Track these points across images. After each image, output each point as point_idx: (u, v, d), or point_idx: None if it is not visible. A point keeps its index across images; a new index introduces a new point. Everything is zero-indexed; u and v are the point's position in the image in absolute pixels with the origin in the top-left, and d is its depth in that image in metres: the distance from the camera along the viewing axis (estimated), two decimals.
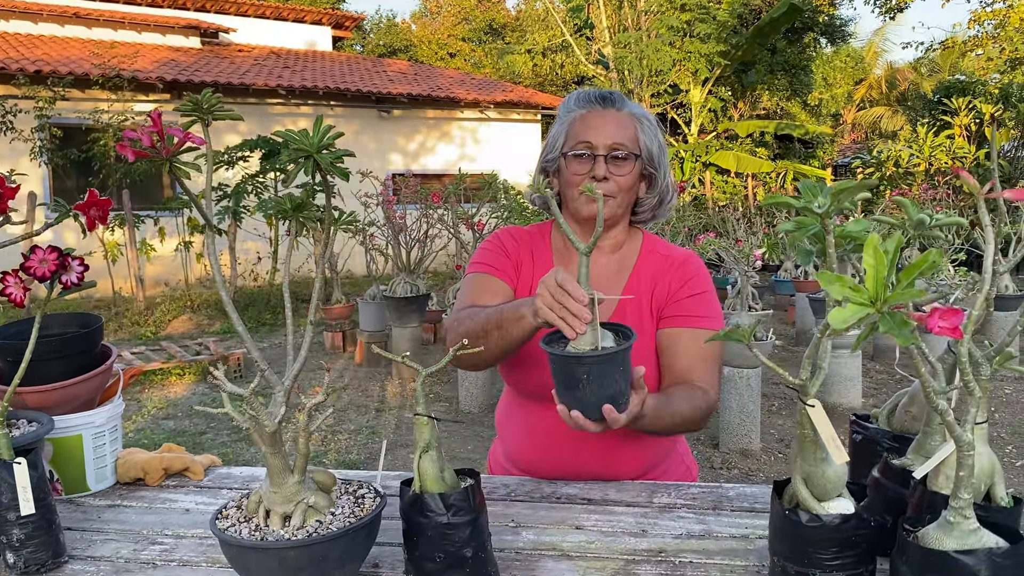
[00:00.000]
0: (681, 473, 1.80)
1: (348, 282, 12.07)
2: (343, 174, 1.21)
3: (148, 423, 5.82)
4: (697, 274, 1.72)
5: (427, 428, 1.35)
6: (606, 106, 1.71)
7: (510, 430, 1.83)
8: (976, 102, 15.62)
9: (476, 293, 1.72)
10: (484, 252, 1.81)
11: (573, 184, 1.69)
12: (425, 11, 29.65)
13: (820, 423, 1.17)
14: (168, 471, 1.83)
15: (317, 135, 1.20)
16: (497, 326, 1.52)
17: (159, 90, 12.08)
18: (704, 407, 1.57)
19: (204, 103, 1.35)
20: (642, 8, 13.76)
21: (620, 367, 1.30)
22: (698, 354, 1.62)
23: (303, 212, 1.45)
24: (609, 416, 1.31)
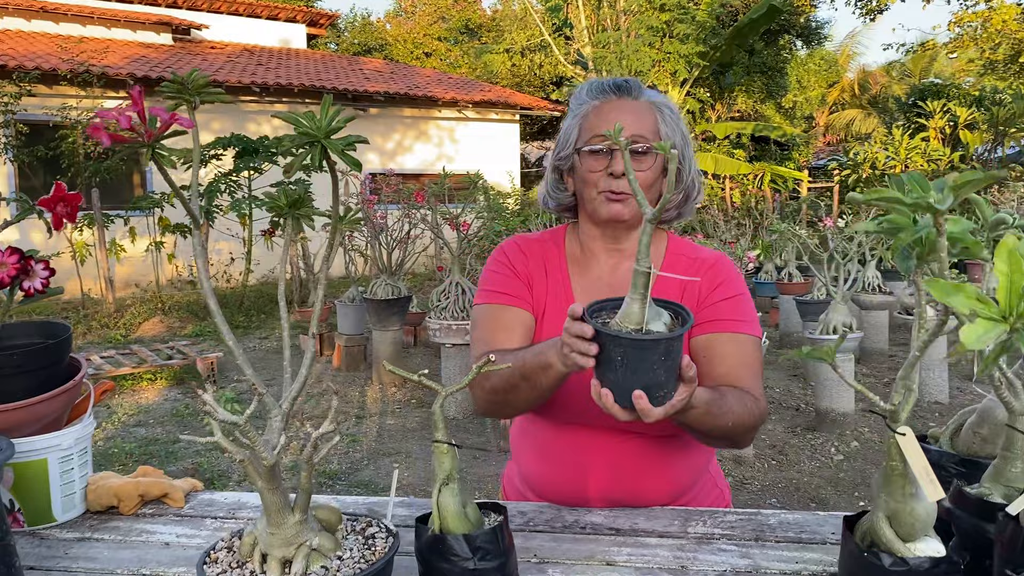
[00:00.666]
0: (714, 497, 1.64)
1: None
2: (355, 163, 1.03)
3: (119, 431, 5.58)
4: (729, 276, 1.57)
5: (448, 457, 1.18)
6: (621, 95, 1.55)
7: (526, 451, 1.66)
8: (951, 105, 15.73)
9: (492, 332, 1.57)
10: (491, 276, 1.65)
11: (590, 183, 1.53)
12: (400, 10, 29.40)
13: (912, 454, 1.01)
14: (144, 498, 1.65)
15: (325, 117, 1.02)
16: (523, 377, 1.39)
17: (129, 87, 11.72)
18: (757, 415, 1.41)
19: (190, 83, 1.17)
20: (621, 8, 13.65)
21: (663, 356, 1.13)
22: (739, 359, 1.47)
23: (301, 208, 1.28)
24: (639, 404, 1.15)
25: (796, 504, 4.28)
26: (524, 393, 1.41)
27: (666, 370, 1.14)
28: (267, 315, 10.16)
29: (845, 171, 15.50)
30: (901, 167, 14.69)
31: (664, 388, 1.16)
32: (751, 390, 1.43)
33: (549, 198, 1.68)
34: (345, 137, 1.05)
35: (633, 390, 1.14)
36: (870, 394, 1.03)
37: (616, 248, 1.60)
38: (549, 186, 1.66)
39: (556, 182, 1.65)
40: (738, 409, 1.36)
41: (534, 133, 23.32)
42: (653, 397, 1.15)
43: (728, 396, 1.36)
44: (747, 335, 1.50)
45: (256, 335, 9.08)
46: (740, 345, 1.48)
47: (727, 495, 1.68)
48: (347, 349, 7.29)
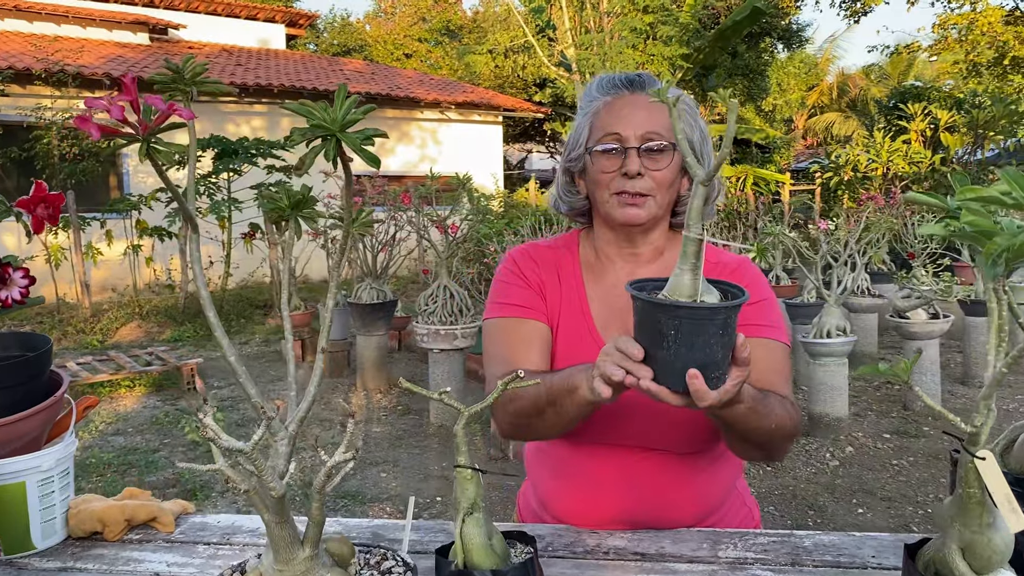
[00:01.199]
0: (743, 517, 1.54)
1: (304, 288, 11.67)
2: (373, 159, 0.93)
3: (96, 440, 5.41)
4: (754, 279, 1.47)
5: (472, 484, 1.07)
6: (635, 90, 1.45)
7: (541, 470, 1.56)
8: (931, 108, 15.80)
9: (509, 347, 1.46)
10: (502, 287, 1.54)
11: (602, 184, 1.43)
12: (380, 11, 29.20)
13: (993, 480, 0.92)
14: (131, 522, 1.53)
15: (341, 108, 0.91)
16: (550, 403, 1.29)
17: (105, 87, 11.55)
18: (796, 421, 1.32)
19: (187, 71, 1.06)
20: (605, 9, 13.59)
21: (721, 329, 1.02)
22: (770, 366, 1.37)
23: (304, 210, 1.17)
24: (694, 385, 1.02)
25: (793, 511, 4.20)
26: (550, 419, 1.31)
27: (723, 347, 1.03)
28: (247, 320, 9.99)
29: (827, 174, 15.51)
30: (883, 169, 14.72)
31: (720, 368, 1.05)
32: (787, 397, 1.34)
33: (561, 202, 1.58)
34: (362, 131, 0.95)
35: (688, 368, 1.02)
36: (950, 415, 0.93)
37: (633, 252, 1.50)
38: (560, 189, 1.56)
39: (567, 184, 1.55)
40: (780, 411, 1.27)
41: (517, 135, 23.22)
42: (709, 378, 1.03)
43: (771, 397, 1.27)
44: (776, 341, 1.41)
45: (236, 340, 8.91)
46: (770, 351, 1.39)
47: (756, 514, 1.59)
48: (330, 354, 7.14)
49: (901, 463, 4.86)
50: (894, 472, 4.73)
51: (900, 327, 5.68)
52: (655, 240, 1.50)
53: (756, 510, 1.60)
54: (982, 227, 0.85)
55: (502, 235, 7.21)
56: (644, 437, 1.43)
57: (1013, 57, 14.45)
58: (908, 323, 5.61)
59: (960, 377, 6.65)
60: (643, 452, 1.44)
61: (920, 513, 4.14)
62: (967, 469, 0.93)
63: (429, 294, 5.66)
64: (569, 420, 1.29)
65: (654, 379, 1.06)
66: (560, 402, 1.27)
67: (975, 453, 0.91)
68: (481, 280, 7.24)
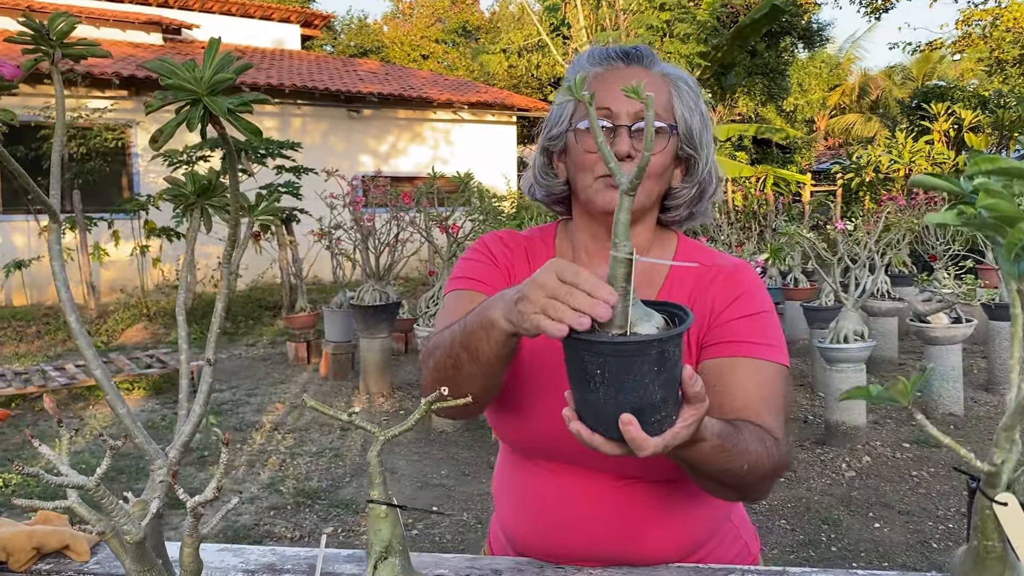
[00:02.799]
0: (737, 551, 1.34)
1: (315, 289, 11.55)
2: (251, 128, 0.75)
3: (89, 445, 5.29)
4: (751, 288, 1.27)
5: (386, 523, 0.89)
6: (630, 63, 1.27)
7: (505, 497, 1.38)
8: (955, 108, 15.47)
9: (454, 316, 1.26)
10: (466, 263, 1.37)
11: (586, 167, 1.24)
12: (397, 12, 29.14)
13: (1016, 530, 0.73)
14: (41, 550, 1.36)
15: (210, 65, 0.74)
16: (464, 346, 1.07)
17: (115, 86, 11.49)
18: (777, 460, 1.11)
19: (52, 30, 0.89)
20: (621, 7, 13.38)
21: (656, 365, 0.84)
22: (758, 392, 1.17)
23: (211, 198, 0.99)
24: (629, 433, 0.85)
25: (806, 525, 3.99)
26: (466, 368, 1.08)
27: (662, 385, 0.85)
28: (255, 321, 9.87)
29: (848, 174, 15.22)
30: (905, 170, 14.41)
31: (661, 410, 0.86)
32: (771, 430, 1.13)
33: (536, 186, 1.38)
34: (239, 96, 0.77)
35: (620, 414, 0.85)
36: (962, 450, 0.74)
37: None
38: (537, 170, 1.36)
39: (544, 166, 1.35)
40: (756, 448, 1.06)
41: (531, 136, 23.05)
42: (647, 422, 0.85)
43: (744, 431, 1.06)
44: (770, 362, 1.20)
45: (243, 342, 8.79)
46: (760, 374, 1.19)
47: (753, 547, 1.39)
48: (334, 357, 7.00)
49: (921, 474, 4.63)
50: (913, 484, 4.50)
51: (921, 331, 5.45)
52: (639, 235, 1.30)
53: (754, 542, 1.40)
54: (1003, 212, 0.66)
55: None
56: (619, 462, 1.24)
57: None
58: (929, 327, 5.38)
59: (984, 384, 6.40)
60: (618, 479, 1.25)
61: (941, 528, 3.92)
62: (984, 516, 0.73)
63: (431, 296, 5.49)
64: (485, 367, 1.07)
65: (587, 425, 0.89)
66: (473, 343, 1.06)
67: (994, 497, 0.72)
68: None
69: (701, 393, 0.88)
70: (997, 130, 15.44)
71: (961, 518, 4.03)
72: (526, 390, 1.24)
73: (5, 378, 6.18)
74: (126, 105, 11.70)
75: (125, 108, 11.60)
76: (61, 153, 0.90)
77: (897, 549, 3.71)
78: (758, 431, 1.09)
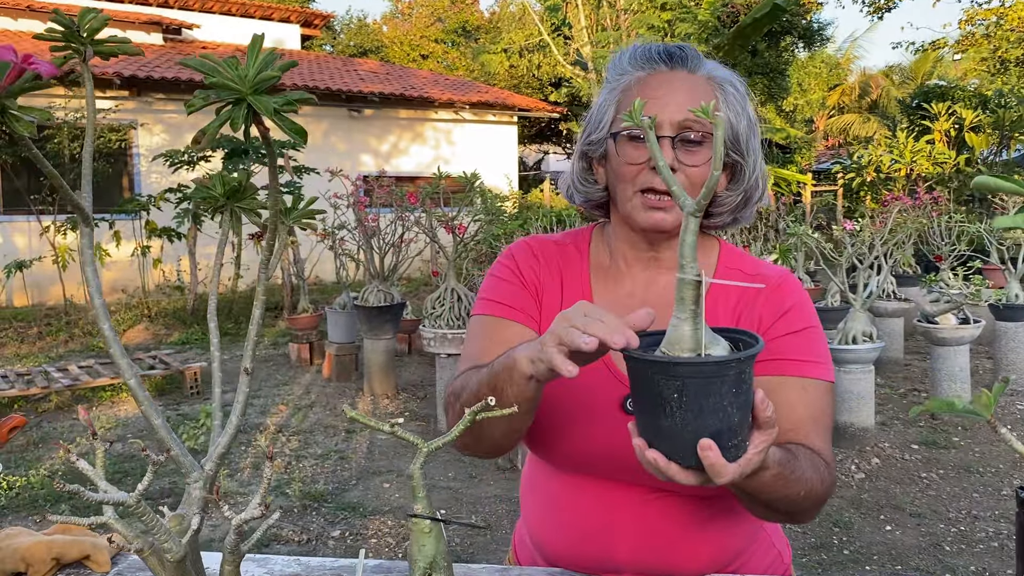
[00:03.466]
0: (771, 560, 1.31)
1: (316, 289, 11.52)
2: (297, 130, 0.72)
3: (94, 447, 5.24)
4: (798, 302, 1.23)
5: (430, 539, 0.86)
6: (675, 66, 1.22)
7: (534, 507, 1.34)
8: (956, 107, 15.46)
9: (484, 349, 1.23)
10: (495, 283, 1.32)
11: (626, 178, 1.20)
12: (396, 12, 29.09)
13: None
14: (60, 561, 1.33)
15: (254, 63, 0.71)
16: (491, 388, 1.04)
17: (117, 86, 11.45)
18: (829, 485, 1.09)
19: (84, 27, 0.86)
20: (622, 7, 13.33)
21: (735, 387, 0.82)
22: (809, 413, 1.14)
23: (242, 200, 0.96)
24: (708, 459, 0.83)
25: (818, 528, 3.96)
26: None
27: (740, 407, 0.83)
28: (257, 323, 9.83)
29: (849, 174, 15.20)
30: (906, 170, 14.40)
31: (738, 434, 0.85)
32: (822, 452, 1.11)
33: (575, 192, 1.33)
34: (283, 95, 0.74)
35: (699, 439, 0.82)
36: None
37: (654, 257, 1.27)
38: (576, 176, 1.32)
39: (584, 172, 1.31)
40: (811, 476, 1.04)
41: (532, 136, 23.01)
42: (725, 447, 0.83)
43: (800, 458, 1.04)
44: (818, 380, 1.17)
45: (244, 344, 8.75)
46: (809, 393, 1.15)
47: (787, 557, 1.36)
48: (338, 358, 6.97)
49: (931, 476, 4.61)
50: (923, 486, 4.48)
51: (929, 332, 5.43)
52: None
53: (787, 551, 1.37)
54: None
55: (513, 237, 7.00)
56: (652, 474, 1.22)
57: None
58: (937, 328, 5.36)
59: (990, 385, 6.35)
60: (653, 492, 1.21)
61: (953, 531, 3.89)
62: None
63: (436, 297, 5.46)
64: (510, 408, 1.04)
65: (661, 452, 0.87)
66: (499, 385, 1.03)
67: None
68: None
69: (773, 418, 0.86)
70: (998, 130, 15.42)
71: (973, 520, 4.00)
72: (558, 412, 1.20)
73: (7, 379, 6.14)
74: (128, 106, 11.66)
75: (127, 108, 11.57)
76: (91, 153, 0.86)
77: (910, 552, 3.68)
78: (812, 456, 1.07)
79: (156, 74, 11.90)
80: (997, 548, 3.70)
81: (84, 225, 0.83)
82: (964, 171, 14.69)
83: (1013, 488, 4.40)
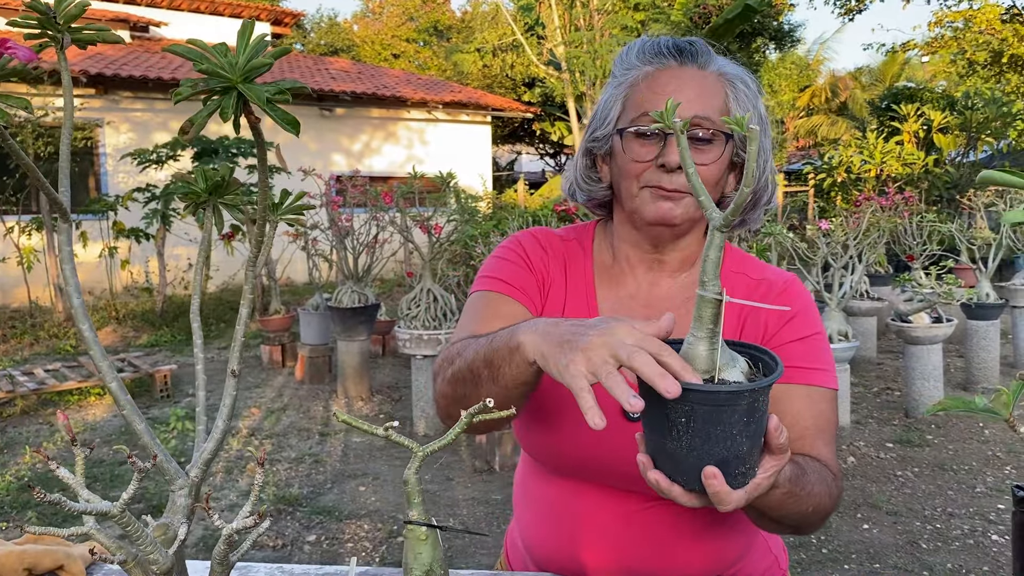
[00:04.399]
0: (767, 566, 1.29)
1: (288, 290, 11.41)
2: (289, 120, 0.68)
3: (60, 451, 5.14)
4: (804, 307, 1.21)
5: (427, 546, 0.83)
6: (684, 61, 1.18)
7: (527, 510, 1.31)
8: (924, 109, 15.66)
9: (482, 320, 1.19)
10: (498, 263, 1.28)
11: (632, 175, 1.16)
12: (367, 11, 28.94)
13: None
14: (33, 571, 1.28)
15: (244, 50, 0.67)
16: (487, 363, 0.99)
17: (83, 84, 11.26)
18: (836, 498, 1.07)
19: (61, 14, 0.82)
20: (595, 7, 13.35)
21: (746, 416, 0.79)
22: (814, 422, 1.12)
23: (225, 195, 0.92)
24: (712, 487, 0.80)
25: None
26: (486, 387, 1.00)
27: (750, 436, 0.80)
28: (227, 324, 9.71)
29: (820, 175, 15.33)
30: (876, 170, 14.56)
31: (746, 462, 0.82)
32: (829, 463, 1.09)
33: (577, 189, 1.30)
34: (275, 83, 0.70)
35: (704, 465, 0.80)
36: None
37: (658, 259, 1.25)
38: (579, 173, 1.29)
39: (587, 169, 1.28)
40: (820, 490, 1.02)
41: (506, 136, 22.99)
42: (731, 475, 0.81)
43: (810, 472, 1.01)
44: (824, 388, 1.15)
45: (215, 345, 8.63)
46: (814, 401, 1.13)
47: (783, 563, 1.34)
48: (311, 360, 6.89)
49: (906, 474, 4.64)
50: (899, 484, 4.51)
51: (902, 331, 5.47)
52: (687, 247, 1.24)
53: (784, 557, 1.35)
54: None
55: (488, 237, 6.96)
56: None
57: (1012, 55, 14.32)
58: (911, 327, 5.40)
59: (962, 383, 6.44)
60: (648, 500, 1.19)
61: (929, 529, 3.92)
62: None
63: (412, 297, 5.41)
64: (505, 388, 0.98)
65: (665, 473, 0.84)
66: (496, 362, 0.97)
67: None
68: (467, 283, 7.00)
69: (786, 444, 0.84)
70: (965, 131, 15.64)
71: (948, 518, 4.03)
72: (555, 408, 1.17)
73: None
74: (94, 104, 11.48)
75: (93, 107, 11.38)
76: (69, 146, 0.82)
77: (887, 550, 3.70)
78: (821, 470, 1.05)
79: (124, 72, 11.71)
80: (973, 545, 3.72)
81: (63, 222, 0.79)
82: (933, 172, 14.89)
83: (987, 485, 4.45)
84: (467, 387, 1.03)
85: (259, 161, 0.76)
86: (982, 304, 6.11)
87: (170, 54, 14.37)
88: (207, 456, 0.81)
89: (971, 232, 7.31)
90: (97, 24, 0.85)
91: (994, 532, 3.85)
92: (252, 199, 1.03)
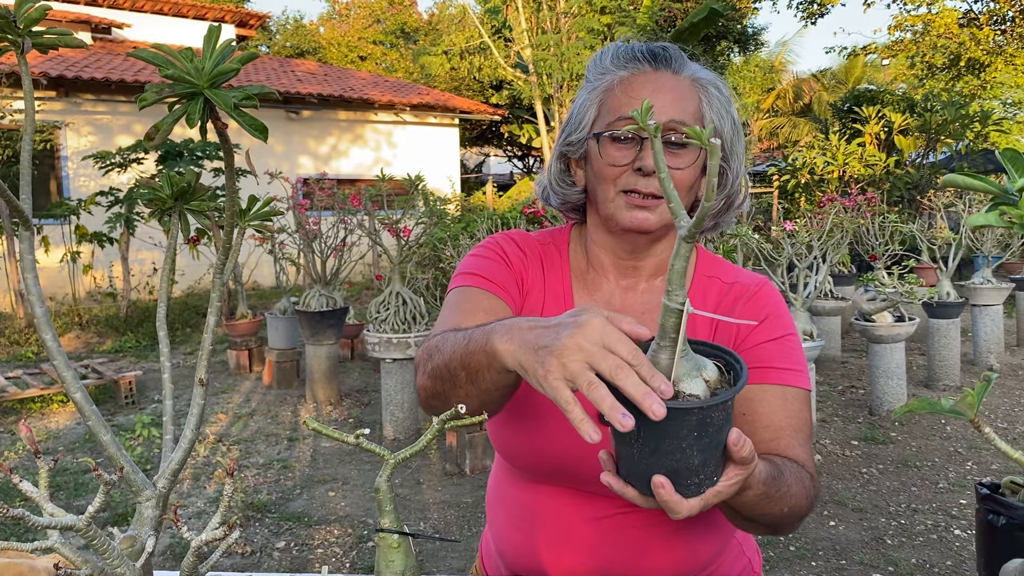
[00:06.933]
0: (740, 569, 1.30)
1: (255, 295, 11.31)
2: (257, 126, 0.68)
3: (23, 460, 5.05)
4: (776, 310, 1.22)
5: (399, 554, 0.83)
6: (658, 67, 1.19)
7: (501, 513, 1.31)
8: (885, 111, 15.90)
9: (464, 312, 1.17)
10: (477, 260, 1.28)
11: (608, 179, 1.17)
12: (333, 13, 28.78)
13: None
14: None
15: (211, 56, 0.66)
16: (464, 365, 0.96)
17: (43, 86, 11.08)
18: (813, 498, 1.07)
19: (21, 18, 0.80)
20: (562, 10, 13.40)
21: (696, 432, 0.78)
22: (789, 422, 1.12)
23: (191, 201, 0.91)
24: (661, 496, 0.79)
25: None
26: (463, 388, 0.98)
27: (702, 450, 0.79)
28: (193, 329, 9.60)
29: (784, 176, 15.50)
30: (839, 171, 14.76)
31: (700, 473, 0.81)
32: (805, 463, 1.09)
33: (551, 193, 1.30)
34: (241, 88, 0.69)
35: (652, 475, 0.79)
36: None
37: (632, 265, 1.25)
38: (552, 176, 1.29)
39: (562, 173, 1.28)
40: (796, 491, 1.02)
41: (474, 138, 22.98)
42: (683, 484, 0.80)
43: (786, 473, 1.01)
44: (797, 388, 1.15)
45: (181, 351, 8.53)
46: (789, 402, 1.14)
47: (756, 565, 1.35)
48: (278, 365, 6.83)
49: (871, 471, 4.70)
50: (864, 481, 4.57)
51: (866, 330, 5.55)
52: (661, 252, 1.25)
53: (757, 559, 1.36)
54: None
55: (458, 239, 6.95)
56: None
57: (968, 59, 14.59)
58: (874, 326, 5.48)
59: (924, 380, 6.55)
60: (621, 503, 1.18)
61: (894, 524, 3.98)
62: None
63: (381, 301, 5.38)
64: (484, 392, 0.96)
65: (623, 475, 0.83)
66: (474, 366, 0.94)
67: None
68: (437, 286, 6.99)
69: (749, 456, 0.83)
70: (925, 132, 15.90)
71: (912, 514, 4.09)
72: (530, 411, 1.17)
73: None
74: (54, 106, 11.30)
75: (53, 109, 11.20)
76: (31, 152, 0.81)
77: (853, 547, 3.75)
78: (797, 470, 1.05)
79: (85, 74, 11.54)
80: (936, 540, 3.79)
81: (24, 229, 0.77)
82: (894, 173, 15.12)
83: (949, 481, 4.52)
84: (446, 384, 1.02)
85: (226, 168, 0.75)
86: (943, 303, 6.21)
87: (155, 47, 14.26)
88: (175, 467, 0.80)
89: (932, 232, 7.44)
90: (59, 28, 0.84)
91: (956, 527, 3.92)
92: (219, 204, 1.01)
